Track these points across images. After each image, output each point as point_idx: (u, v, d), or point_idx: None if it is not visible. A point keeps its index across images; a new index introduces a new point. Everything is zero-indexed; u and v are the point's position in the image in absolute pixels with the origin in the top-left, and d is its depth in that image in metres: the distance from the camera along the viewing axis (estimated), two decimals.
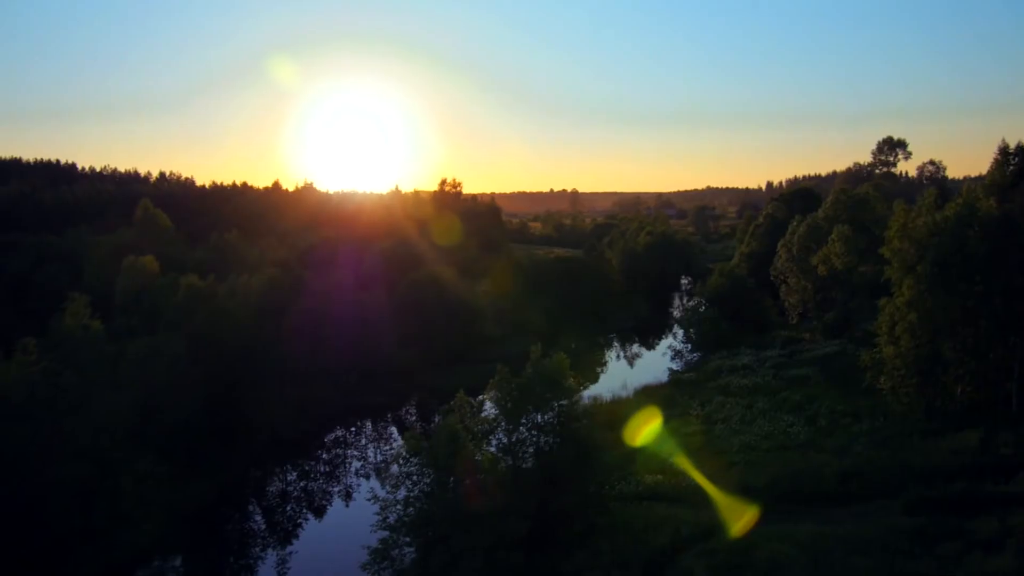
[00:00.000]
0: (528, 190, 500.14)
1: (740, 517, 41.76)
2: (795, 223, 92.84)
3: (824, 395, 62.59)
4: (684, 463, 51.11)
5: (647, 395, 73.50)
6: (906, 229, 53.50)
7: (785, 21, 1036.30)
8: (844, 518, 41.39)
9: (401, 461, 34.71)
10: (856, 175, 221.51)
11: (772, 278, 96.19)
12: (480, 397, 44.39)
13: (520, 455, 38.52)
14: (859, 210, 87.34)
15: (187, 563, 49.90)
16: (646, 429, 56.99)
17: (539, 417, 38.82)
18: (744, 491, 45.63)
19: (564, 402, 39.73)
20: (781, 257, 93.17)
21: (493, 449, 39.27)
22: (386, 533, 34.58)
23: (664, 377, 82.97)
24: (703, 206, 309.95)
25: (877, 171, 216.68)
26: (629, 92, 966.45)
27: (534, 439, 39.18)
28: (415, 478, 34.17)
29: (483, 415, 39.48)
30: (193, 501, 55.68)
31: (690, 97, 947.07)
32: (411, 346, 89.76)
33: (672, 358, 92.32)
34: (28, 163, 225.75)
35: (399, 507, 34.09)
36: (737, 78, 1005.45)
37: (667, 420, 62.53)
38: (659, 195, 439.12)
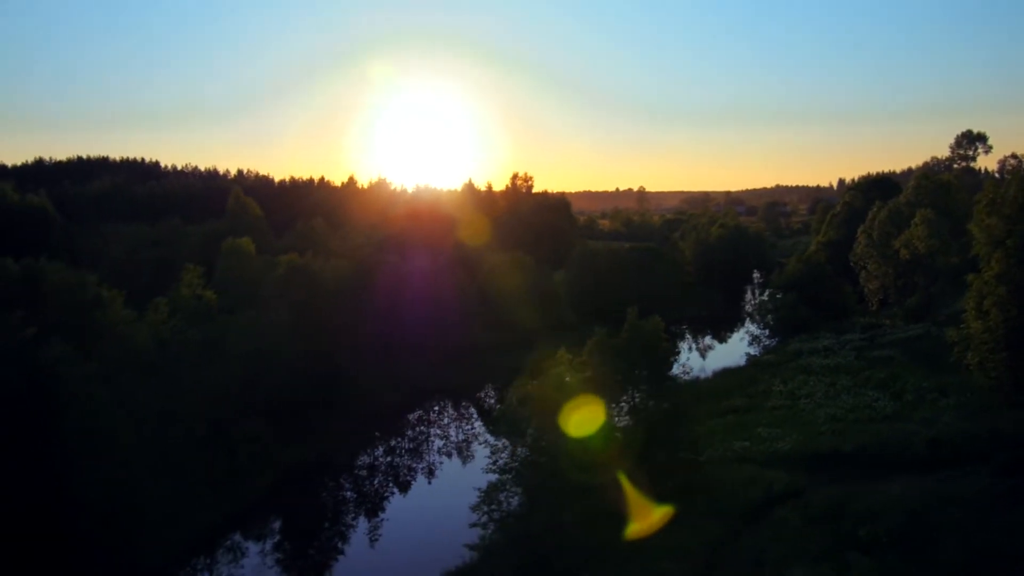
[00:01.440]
0: (593, 189, 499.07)
1: (829, 478, 42.99)
2: (875, 209, 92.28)
3: (908, 374, 62.45)
4: (770, 432, 52.24)
5: (726, 376, 74.42)
6: (995, 204, 53.51)
7: (858, 14, 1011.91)
8: (934, 482, 41.95)
9: (510, 407, 36.74)
10: (933, 170, 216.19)
11: (852, 264, 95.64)
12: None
13: (617, 411, 40.35)
14: (942, 196, 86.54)
15: (289, 520, 52.93)
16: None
17: (635, 373, 40.52)
18: (833, 456, 46.70)
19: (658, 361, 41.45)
20: (861, 243, 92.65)
21: None
22: (494, 477, 36.71)
23: (741, 362, 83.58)
24: (773, 202, 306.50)
25: (956, 165, 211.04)
26: (696, 90, 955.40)
27: (629, 396, 40.93)
28: (523, 423, 36.24)
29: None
30: (294, 463, 58.92)
31: (758, 94, 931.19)
32: (491, 329, 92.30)
33: (749, 343, 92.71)
34: (115, 161, 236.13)
35: (507, 451, 36.21)
36: (807, 74, 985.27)
37: (749, 397, 63.73)
38: (727, 193, 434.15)
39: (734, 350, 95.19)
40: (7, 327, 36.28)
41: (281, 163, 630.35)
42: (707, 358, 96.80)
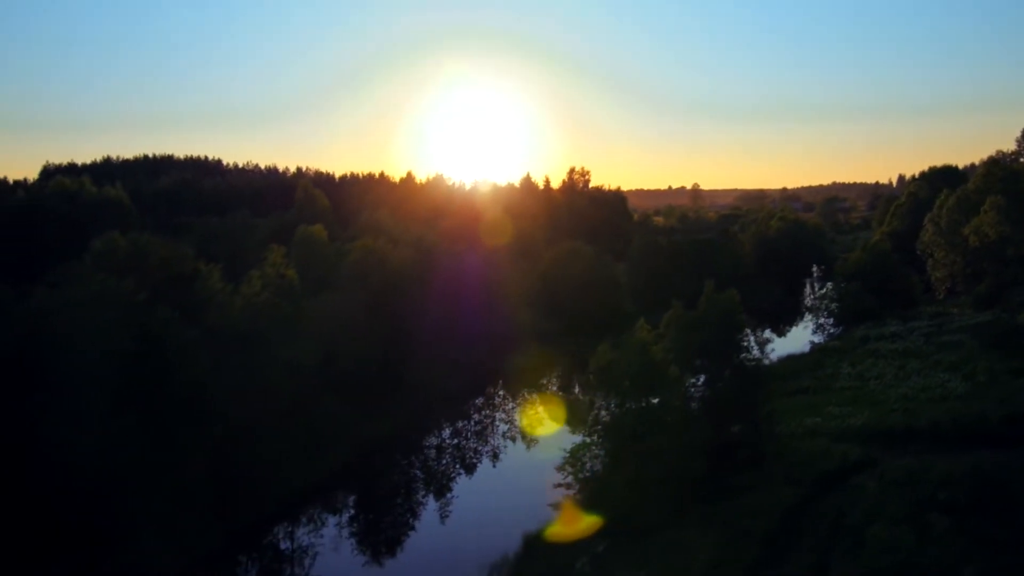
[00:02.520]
0: (646, 187, 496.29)
1: (903, 451, 43.46)
2: (943, 197, 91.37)
3: (980, 357, 62.09)
4: (841, 411, 52.67)
5: (792, 361, 74.63)
6: None
7: (920, 6, 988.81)
8: (1012, 456, 42.07)
9: (596, 372, 38.08)
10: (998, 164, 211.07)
11: (918, 252, 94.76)
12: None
13: (695, 380, 41.47)
14: (1012, 182, 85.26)
15: (363, 492, 55.00)
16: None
17: (712, 344, 41.58)
18: (906, 432, 47.03)
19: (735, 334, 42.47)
20: (928, 231, 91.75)
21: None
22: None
23: (805, 350, 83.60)
24: (831, 198, 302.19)
25: (1023, 159, 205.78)
26: (750, 87, 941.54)
27: (706, 366, 42.00)
28: (606, 389, 37.63)
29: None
30: (368, 439, 61.00)
31: (815, 90, 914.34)
32: (552, 317, 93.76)
33: (813, 332, 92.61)
34: (179, 159, 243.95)
35: (593, 414, 37.65)
36: (865, 69, 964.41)
37: (817, 379, 64.10)
38: (783, 190, 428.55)
39: (796, 341, 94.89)
40: (120, 294, 38.87)
41: (337, 160, 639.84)
42: (770, 347, 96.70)
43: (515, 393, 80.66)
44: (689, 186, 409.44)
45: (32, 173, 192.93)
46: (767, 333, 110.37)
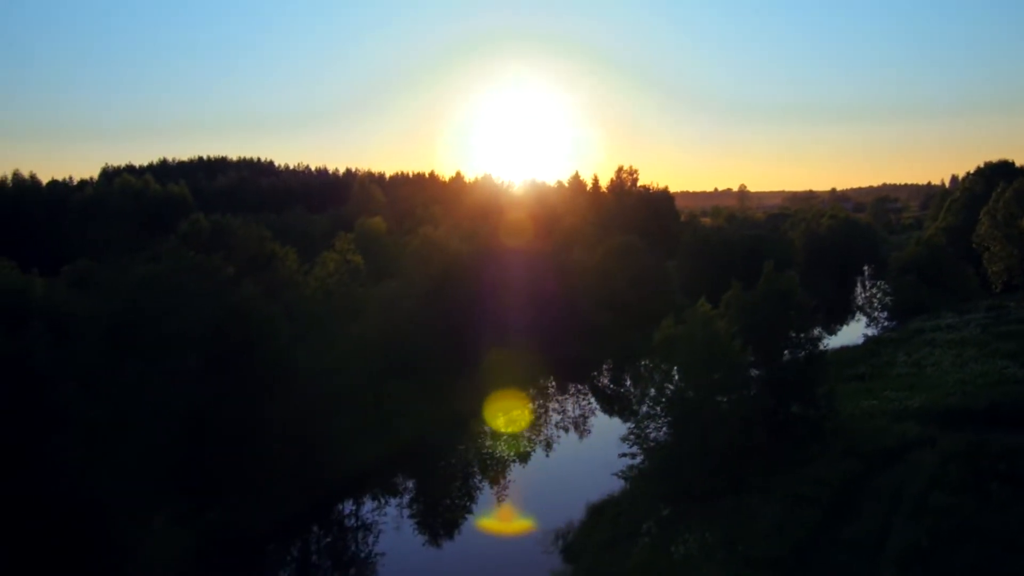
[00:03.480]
0: (691, 189, 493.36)
1: (962, 430, 43.93)
2: (999, 190, 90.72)
3: None
4: (898, 395, 53.19)
5: (846, 351, 74.95)
6: None
7: (968, 6, 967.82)
8: None
9: (659, 344, 39.45)
10: None
11: (974, 246, 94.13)
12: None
13: (754, 358, 42.56)
14: None
15: (426, 472, 56.96)
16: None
17: (771, 323, 42.73)
18: (964, 412, 47.38)
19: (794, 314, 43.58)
20: (984, 224, 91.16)
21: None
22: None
23: (859, 342, 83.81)
24: (882, 197, 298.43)
25: None
26: (797, 86, 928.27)
27: (765, 343, 43.06)
28: (669, 360, 39.05)
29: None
30: (429, 420, 63.05)
31: (864, 89, 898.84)
32: (606, 309, 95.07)
33: (867, 325, 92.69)
34: (232, 160, 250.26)
35: (656, 385, 39.07)
36: (916, 66, 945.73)
37: (872, 367, 64.49)
38: (832, 191, 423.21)
39: (849, 337, 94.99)
40: (209, 269, 41.36)
41: (384, 161, 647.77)
42: (823, 339, 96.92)
43: (570, 380, 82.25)
44: (735, 188, 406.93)
45: (90, 175, 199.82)
46: (818, 331, 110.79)
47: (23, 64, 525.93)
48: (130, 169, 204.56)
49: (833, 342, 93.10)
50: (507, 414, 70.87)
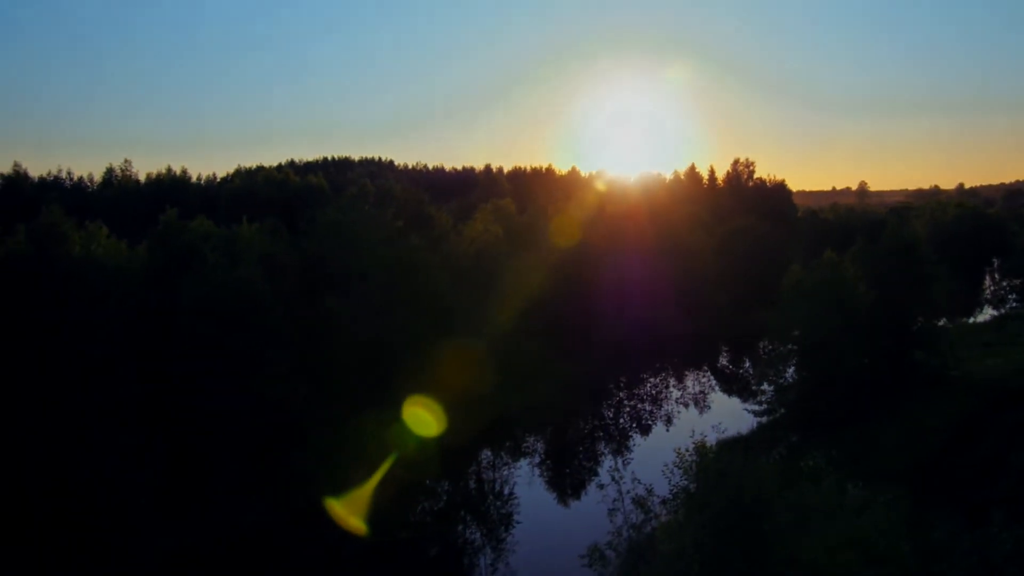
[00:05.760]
0: (808, 188, 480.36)
1: None
2: None
3: None
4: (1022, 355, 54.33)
5: (975, 326, 75.48)
6: None
7: None
8: None
9: (788, 288, 42.82)
10: None
11: None
12: None
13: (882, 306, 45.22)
14: None
15: (559, 428, 61.29)
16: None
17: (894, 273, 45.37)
18: None
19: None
20: None
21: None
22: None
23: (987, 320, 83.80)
24: (1015, 191, 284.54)
25: None
26: (918, 78, 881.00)
27: (892, 293, 45.66)
28: (798, 302, 42.41)
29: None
30: (563, 379, 67.58)
31: (993, 79, 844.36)
32: (724, 289, 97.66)
33: (995, 308, 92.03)
34: (354, 160, 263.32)
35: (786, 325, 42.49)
36: None
37: (999, 336, 65.25)
38: (959, 187, 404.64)
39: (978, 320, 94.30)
40: (384, 222, 47.33)
41: (499, 161, 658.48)
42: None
43: (686, 355, 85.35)
44: (854, 187, 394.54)
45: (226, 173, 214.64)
46: (943, 321, 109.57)
47: (173, 80, 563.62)
48: (260, 170, 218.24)
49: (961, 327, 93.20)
50: (631, 376, 74.89)
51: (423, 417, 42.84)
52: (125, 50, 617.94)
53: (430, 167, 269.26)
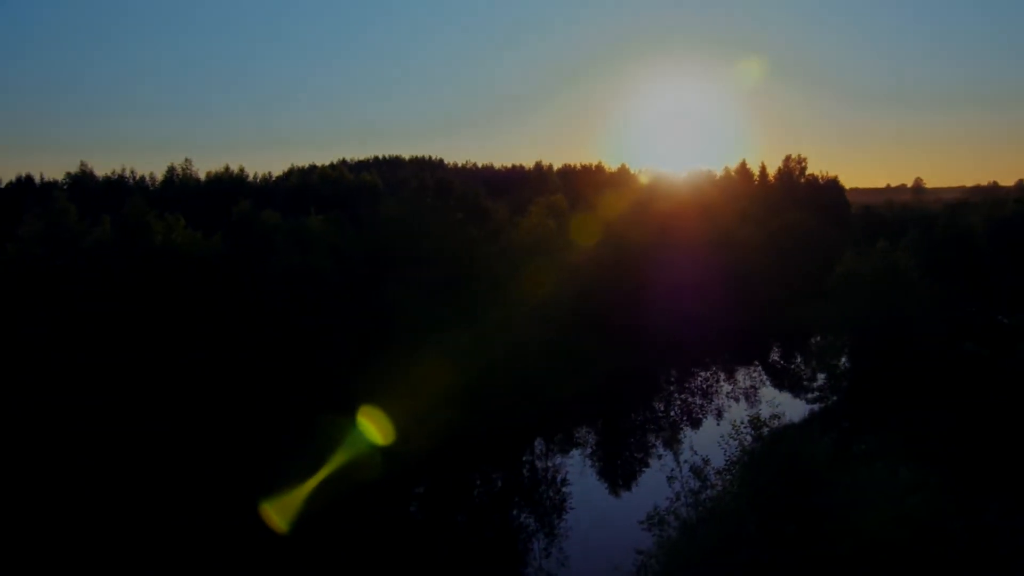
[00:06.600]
0: (861, 185, 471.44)
1: None
2: None
3: None
4: None
5: None
6: None
7: None
8: None
9: (840, 276, 43.55)
10: None
11: None
12: None
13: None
14: None
15: (607, 418, 62.22)
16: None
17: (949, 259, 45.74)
18: None
19: None
20: None
21: None
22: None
23: None
24: None
25: None
26: (973, 68, 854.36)
27: (948, 282, 46.06)
28: (850, 289, 43.12)
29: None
30: (612, 370, 68.67)
31: None
32: (775, 283, 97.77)
33: None
34: (404, 159, 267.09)
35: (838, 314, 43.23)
36: None
37: None
38: (1020, 182, 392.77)
39: None
40: (444, 213, 49.20)
41: (548, 158, 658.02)
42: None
43: (737, 347, 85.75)
44: (909, 183, 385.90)
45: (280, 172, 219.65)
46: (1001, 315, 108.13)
47: (222, 84, 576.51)
48: (312, 169, 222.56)
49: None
50: (680, 368, 75.69)
51: None
52: (179, 54, 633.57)
53: (479, 165, 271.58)
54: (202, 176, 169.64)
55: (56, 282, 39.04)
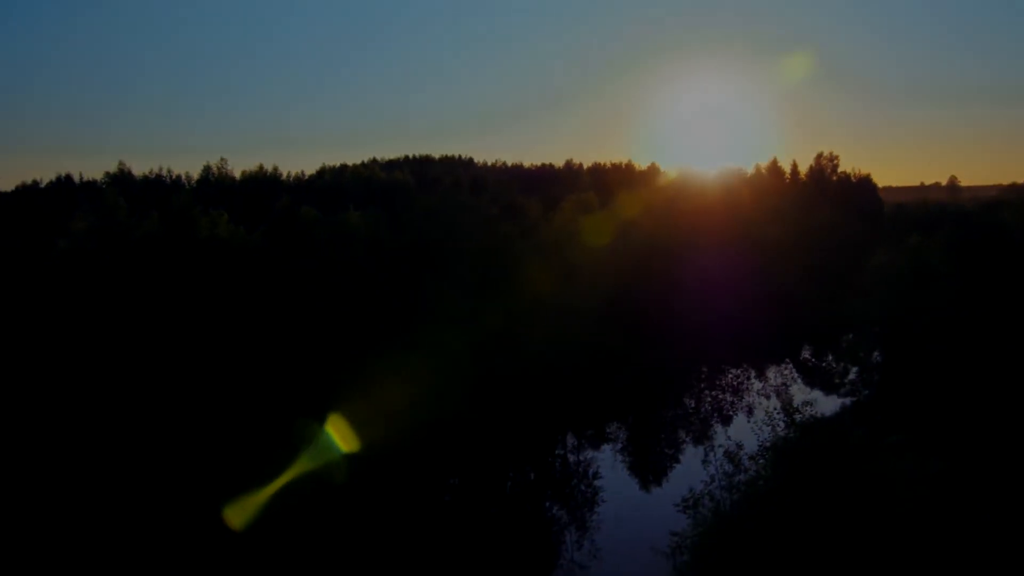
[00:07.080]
0: (895, 184, 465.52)
1: None
2: None
3: None
4: None
5: None
6: None
7: None
8: None
9: (872, 270, 43.97)
10: None
11: None
12: None
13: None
14: None
15: (638, 417, 62.55)
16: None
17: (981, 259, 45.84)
18: None
19: None
20: None
21: None
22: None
23: None
24: None
25: None
26: (1010, 65, 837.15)
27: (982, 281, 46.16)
28: (882, 283, 43.48)
29: None
30: (642, 368, 69.19)
31: None
32: (809, 281, 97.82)
33: None
34: (435, 158, 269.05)
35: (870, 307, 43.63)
36: None
37: None
38: None
39: None
40: (479, 208, 50.31)
41: (578, 155, 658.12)
42: None
43: (765, 344, 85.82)
44: (944, 182, 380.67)
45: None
46: None
47: (260, 87, 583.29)
48: (343, 168, 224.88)
49: None
50: (712, 365, 76.05)
51: None
52: (215, 54, 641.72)
53: (509, 164, 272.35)
54: (237, 175, 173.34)
55: (108, 274, 40.72)
